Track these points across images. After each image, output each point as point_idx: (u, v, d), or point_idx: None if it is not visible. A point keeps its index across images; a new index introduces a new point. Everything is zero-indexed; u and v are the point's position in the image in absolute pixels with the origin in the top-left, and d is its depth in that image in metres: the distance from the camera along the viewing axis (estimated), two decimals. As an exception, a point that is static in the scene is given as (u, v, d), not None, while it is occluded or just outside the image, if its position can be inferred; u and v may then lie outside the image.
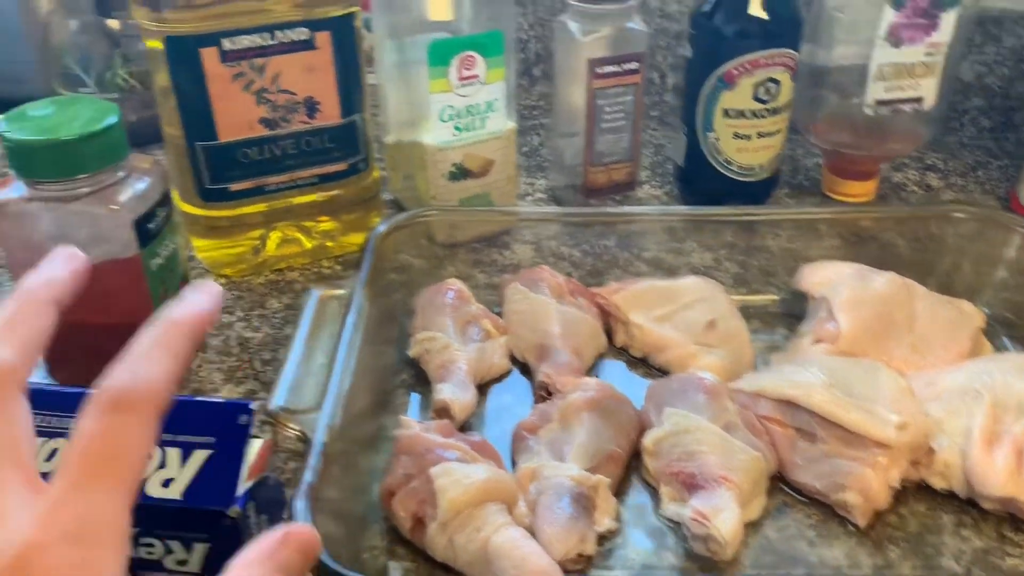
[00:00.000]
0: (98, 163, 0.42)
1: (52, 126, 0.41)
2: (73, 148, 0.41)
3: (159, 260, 0.45)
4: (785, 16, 0.57)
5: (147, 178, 0.44)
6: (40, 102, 0.43)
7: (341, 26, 0.52)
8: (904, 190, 0.68)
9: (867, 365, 0.45)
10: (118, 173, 0.43)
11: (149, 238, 0.44)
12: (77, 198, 0.42)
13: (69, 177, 0.42)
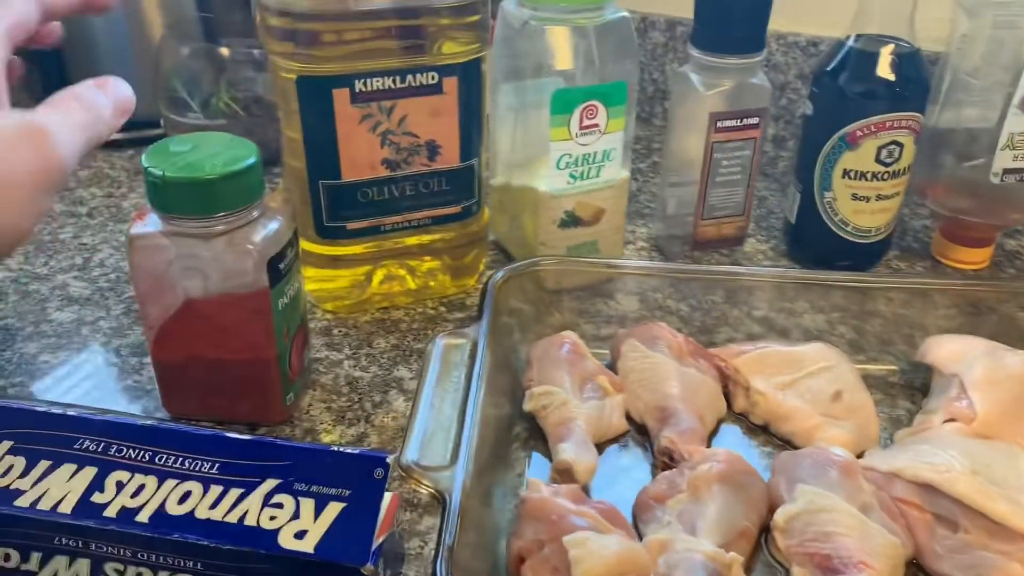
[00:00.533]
0: (236, 202, 0.42)
1: (194, 163, 0.41)
2: (213, 187, 0.41)
3: (285, 299, 0.45)
4: (913, 78, 0.56)
5: (279, 217, 0.44)
6: (182, 137, 0.43)
7: (469, 71, 0.52)
8: (1019, 258, 0.66)
9: (1005, 449, 0.43)
10: (253, 212, 0.43)
11: (279, 277, 0.44)
12: (212, 236, 0.42)
13: (206, 215, 0.42)
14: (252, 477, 0.37)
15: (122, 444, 0.38)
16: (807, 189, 0.60)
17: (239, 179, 0.41)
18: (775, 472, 0.43)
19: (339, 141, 0.50)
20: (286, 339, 0.46)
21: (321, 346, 0.54)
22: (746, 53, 0.55)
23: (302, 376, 0.49)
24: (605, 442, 0.47)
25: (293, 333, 0.46)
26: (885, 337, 0.55)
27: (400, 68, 0.50)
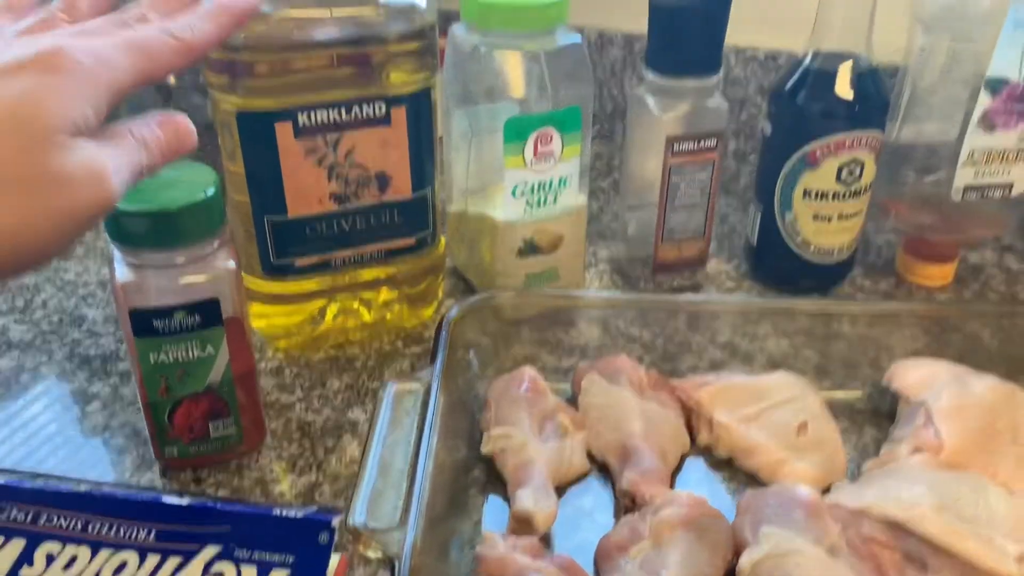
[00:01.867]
0: (198, 234, 0.40)
1: (151, 194, 0.39)
2: (174, 219, 0.39)
3: (161, 356, 0.42)
4: (871, 96, 0.55)
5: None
6: None
7: (418, 101, 0.50)
8: (983, 272, 0.65)
9: (973, 482, 0.42)
10: (215, 243, 0.41)
11: (150, 332, 0.42)
12: (173, 267, 0.40)
13: (168, 248, 0.40)
14: (191, 544, 0.35)
15: (53, 512, 0.36)
16: (767, 210, 0.59)
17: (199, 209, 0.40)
18: (740, 513, 0.41)
19: (283, 176, 0.48)
20: (163, 395, 0.43)
21: (272, 388, 0.52)
22: (702, 74, 0.54)
23: (203, 442, 0.45)
24: (566, 483, 0.45)
25: (181, 394, 0.44)
26: (851, 360, 0.54)
27: (345, 100, 0.48)
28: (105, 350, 0.56)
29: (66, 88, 0.29)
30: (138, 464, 0.47)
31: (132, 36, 0.32)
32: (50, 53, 0.29)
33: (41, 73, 0.29)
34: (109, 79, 0.30)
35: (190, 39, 0.33)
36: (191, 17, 0.34)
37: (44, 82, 0.29)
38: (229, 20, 0.34)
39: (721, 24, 0.54)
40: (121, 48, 0.31)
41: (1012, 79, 0.53)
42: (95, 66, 0.30)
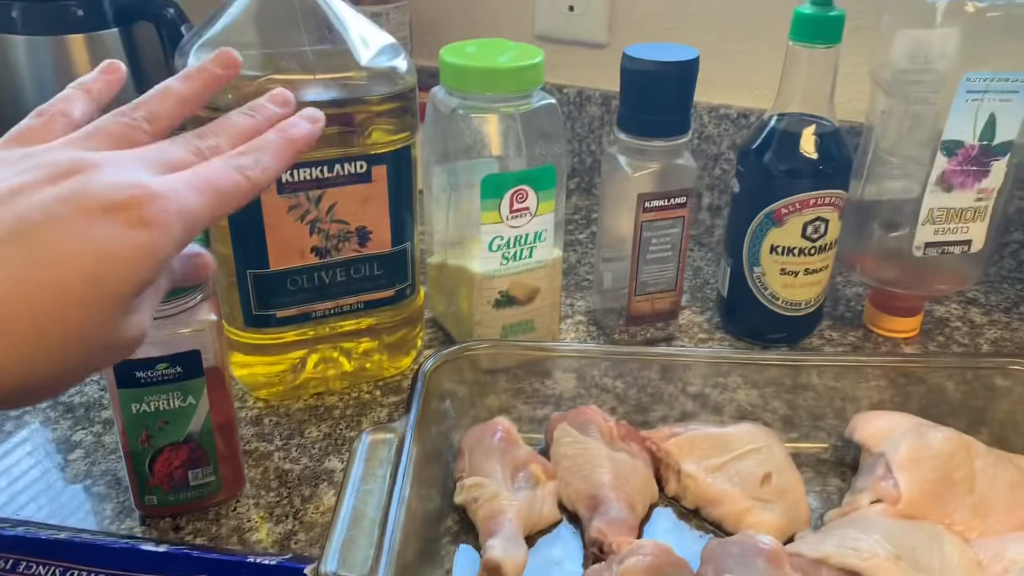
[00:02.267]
0: (181, 288, 0.42)
1: None
2: None
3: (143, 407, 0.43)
4: (834, 156, 0.57)
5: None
6: None
7: (398, 159, 0.52)
8: (948, 325, 0.67)
9: (929, 531, 0.44)
10: (198, 295, 0.43)
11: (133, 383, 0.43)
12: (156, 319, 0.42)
13: None
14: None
15: (32, 560, 0.37)
16: (737, 264, 0.61)
17: None
18: (703, 561, 0.42)
19: (266, 230, 0.50)
20: (144, 444, 0.44)
21: (251, 436, 0.53)
22: (671, 136, 0.57)
23: (183, 491, 0.46)
24: (537, 532, 0.47)
25: (162, 443, 0.45)
26: (817, 412, 0.55)
27: (328, 158, 0.50)
28: (89, 398, 0.57)
29: (149, 251, 0.28)
30: (118, 512, 0.47)
31: (210, 176, 0.31)
32: (141, 199, 0.28)
33: (128, 226, 0.27)
34: (187, 231, 0.29)
35: (258, 178, 0.32)
36: (260, 152, 0.33)
37: (129, 241, 0.27)
38: (293, 156, 0.34)
39: (689, 89, 0.56)
40: (201, 191, 0.30)
41: (967, 142, 0.56)
42: (177, 220, 0.29)
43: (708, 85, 0.80)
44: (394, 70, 0.51)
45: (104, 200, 0.27)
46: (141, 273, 0.28)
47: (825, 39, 0.55)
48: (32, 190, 0.28)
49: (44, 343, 0.26)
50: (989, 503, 0.46)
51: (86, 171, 0.28)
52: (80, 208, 0.27)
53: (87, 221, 0.27)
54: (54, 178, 0.28)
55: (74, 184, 0.28)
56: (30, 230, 0.27)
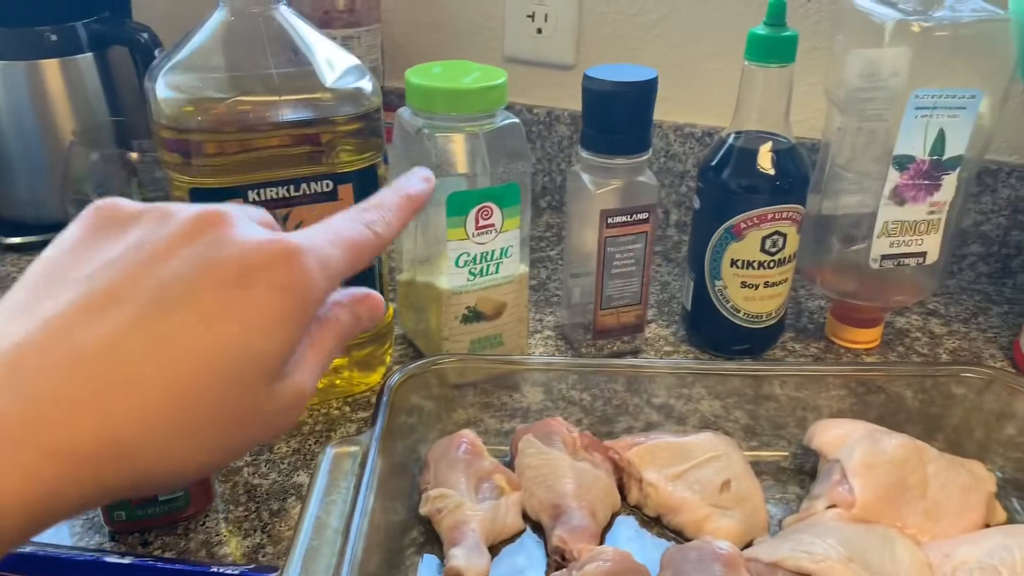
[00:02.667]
0: None
1: None
2: None
3: None
4: (791, 172, 0.59)
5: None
6: None
7: (363, 178, 0.53)
8: (908, 336, 0.69)
9: (882, 534, 0.45)
10: None
11: None
12: None
13: None
14: (130, 603, 0.36)
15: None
16: (699, 278, 0.62)
17: None
18: (662, 567, 0.43)
19: (234, 250, 0.51)
20: None
21: (222, 452, 0.54)
22: (632, 154, 0.58)
23: (151, 506, 0.47)
24: (502, 542, 0.47)
25: None
26: (779, 421, 0.56)
27: (294, 178, 0.51)
28: (60, 417, 0.57)
29: (290, 314, 0.27)
30: (88, 527, 0.48)
31: (341, 230, 0.30)
32: (279, 255, 0.26)
33: (268, 290, 0.26)
34: (328, 286, 0.29)
35: (384, 233, 0.32)
36: (383, 210, 0.32)
37: (269, 306, 0.26)
38: (411, 212, 0.34)
39: (648, 108, 0.58)
40: (336, 244, 0.29)
41: (918, 156, 0.57)
42: (318, 275, 0.28)
43: (673, 105, 0.82)
44: (359, 91, 0.52)
45: (241, 263, 0.26)
46: (284, 339, 0.27)
47: (779, 59, 0.57)
48: (167, 253, 0.26)
49: (186, 428, 0.25)
50: (941, 507, 0.47)
51: (219, 225, 0.27)
52: (217, 276, 0.26)
53: (225, 290, 0.26)
54: (189, 234, 0.26)
55: (208, 244, 0.26)
56: (168, 308, 0.25)
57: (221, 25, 0.50)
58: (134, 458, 0.24)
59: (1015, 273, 0.76)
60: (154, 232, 0.27)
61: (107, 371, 0.24)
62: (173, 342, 0.25)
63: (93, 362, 0.24)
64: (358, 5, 0.80)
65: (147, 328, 0.25)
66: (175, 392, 0.25)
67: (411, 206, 0.34)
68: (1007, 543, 0.43)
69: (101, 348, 0.24)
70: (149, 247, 0.26)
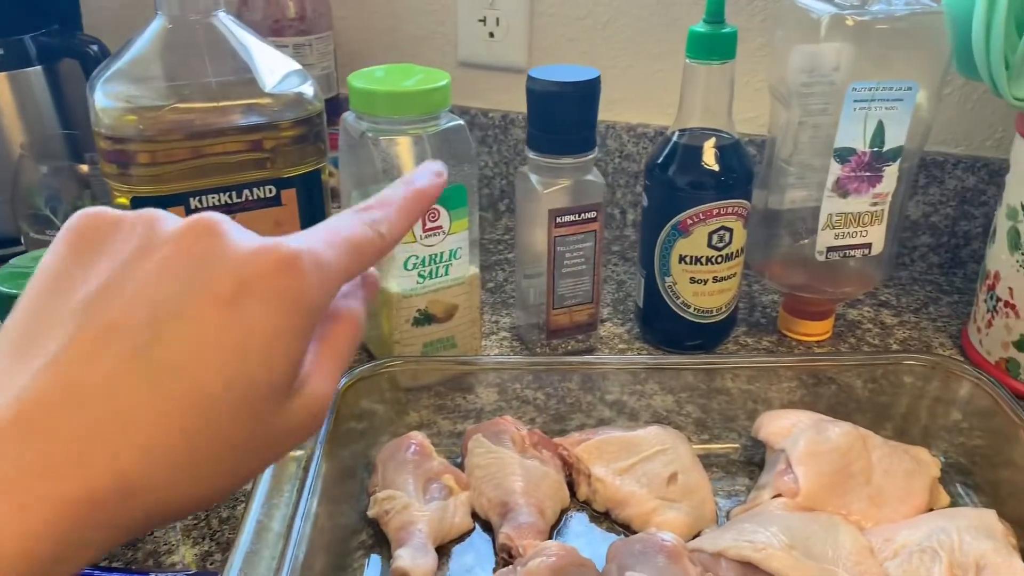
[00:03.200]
0: None
1: None
2: None
3: None
4: (735, 168, 0.59)
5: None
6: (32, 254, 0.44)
7: (307, 182, 0.53)
8: (860, 327, 0.70)
9: (826, 521, 0.45)
10: None
11: None
12: None
13: None
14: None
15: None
16: (650, 275, 0.63)
17: None
18: (608, 560, 0.44)
19: (178, 258, 0.51)
20: None
21: (172, 462, 0.54)
22: (577, 153, 0.58)
23: None
24: (452, 542, 0.47)
25: None
26: (730, 414, 0.57)
27: (236, 184, 0.51)
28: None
29: (291, 329, 0.25)
30: (33, 542, 0.47)
31: (340, 228, 0.28)
32: (276, 264, 0.25)
33: (265, 303, 0.24)
34: (329, 293, 0.27)
35: (388, 233, 0.29)
36: (388, 207, 0.30)
37: (269, 323, 0.24)
38: (421, 208, 0.31)
39: (591, 107, 0.58)
40: (336, 246, 0.27)
41: (858, 149, 0.58)
42: (316, 284, 0.26)
43: (626, 105, 0.83)
44: (301, 96, 0.52)
45: (235, 276, 0.24)
46: (286, 358, 0.25)
47: (720, 56, 0.57)
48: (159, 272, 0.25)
49: (195, 459, 0.24)
50: (885, 493, 0.48)
51: (211, 236, 0.25)
52: (211, 295, 0.24)
53: (220, 309, 0.24)
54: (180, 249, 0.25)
55: (201, 258, 0.25)
56: (164, 334, 0.24)
57: (159, 33, 0.50)
58: (145, 495, 0.23)
59: (965, 263, 0.78)
60: (142, 248, 0.25)
61: (110, 410, 0.23)
62: (173, 373, 0.24)
63: (95, 402, 0.23)
64: (309, 13, 0.80)
65: (145, 359, 0.23)
66: (179, 426, 0.23)
67: (420, 203, 0.31)
68: (946, 525, 0.44)
69: (102, 387, 0.23)
70: (139, 266, 0.25)
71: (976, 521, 0.44)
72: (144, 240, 0.25)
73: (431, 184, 0.32)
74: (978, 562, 0.42)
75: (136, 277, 0.25)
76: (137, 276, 0.25)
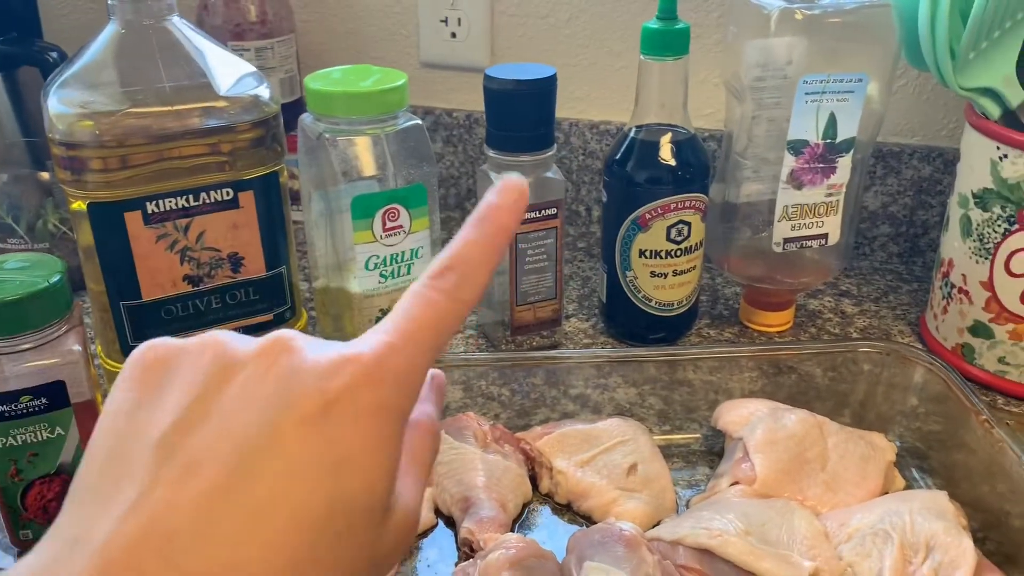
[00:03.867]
0: (41, 320, 0.43)
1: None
2: (17, 307, 0.42)
3: (9, 440, 0.44)
4: (692, 162, 0.60)
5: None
6: None
7: (265, 184, 0.53)
8: (820, 317, 0.71)
9: (782, 507, 0.46)
10: (63, 327, 0.44)
11: None
12: (17, 352, 0.43)
13: (11, 335, 0.42)
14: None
15: None
16: (612, 270, 0.63)
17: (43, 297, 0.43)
18: (568, 551, 0.44)
19: (136, 262, 0.51)
20: (14, 478, 0.45)
21: (135, 467, 0.54)
22: (536, 151, 0.59)
23: None
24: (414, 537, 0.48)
25: (32, 476, 0.45)
26: (691, 405, 0.58)
27: (193, 187, 0.51)
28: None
29: (382, 439, 0.23)
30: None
31: (423, 313, 0.25)
32: (367, 371, 0.23)
33: (355, 420, 0.23)
34: (417, 390, 0.25)
35: (469, 296, 0.26)
36: (462, 265, 0.26)
37: (358, 438, 0.23)
38: (504, 242, 0.27)
39: (548, 105, 0.59)
40: (419, 336, 0.25)
41: (811, 141, 0.59)
42: (406, 385, 0.24)
43: (589, 103, 0.83)
44: (257, 98, 0.52)
45: (321, 392, 0.23)
46: (385, 470, 0.24)
47: (673, 52, 0.58)
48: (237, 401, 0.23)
49: None
50: (840, 478, 0.49)
51: (286, 354, 0.24)
52: (298, 415, 0.22)
53: (310, 429, 0.22)
54: (256, 373, 0.23)
55: (280, 379, 0.23)
56: (253, 463, 0.22)
57: (113, 38, 0.50)
58: None
59: (923, 251, 0.79)
60: (215, 375, 0.24)
61: (203, 554, 0.21)
62: (268, 503, 0.22)
63: (187, 547, 0.21)
64: (270, 16, 0.80)
65: (236, 493, 0.22)
66: (281, 561, 0.22)
67: (502, 239, 0.27)
68: (899, 508, 0.45)
69: (191, 530, 0.21)
70: (215, 397, 0.23)
71: (928, 503, 0.45)
72: (215, 367, 0.24)
73: (511, 213, 0.27)
74: (928, 542, 0.43)
75: (214, 408, 0.23)
76: (214, 407, 0.23)
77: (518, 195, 0.27)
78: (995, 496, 0.47)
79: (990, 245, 0.58)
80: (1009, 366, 0.60)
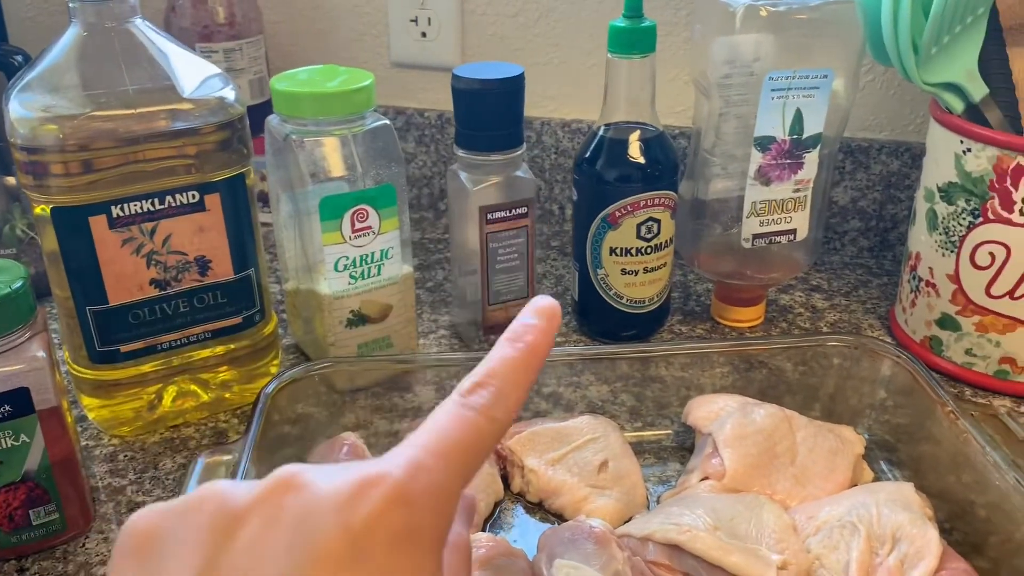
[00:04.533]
0: (4, 326, 0.43)
1: None
2: None
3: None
4: (660, 160, 0.60)
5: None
6: None
7: (231, 187, 0.53)
8: (791, 312, 0.71)
9: (750, 501, 0.46)
10: (26, 333, 0.44)
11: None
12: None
13: None
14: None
15: None
16: (583, 268, 0.63)
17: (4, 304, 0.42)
18: (539, 549, 0.44)
19: (101, 266, 0.50)
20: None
21: (104, 473, 0.53)
22: (505, 150, 0.59)
23: (25, 531, 0.46)
24: (385, 539, 0.48)
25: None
26: (663, 401, 0.58)
27: (158, 190, 0.51)
28: (-64, 450, 0.56)
29: (424, 564, 0.22)
30: (-40, 560, 0.47)
31: (454, 432, 0.24)
32: (392, 497, 0.21)
33: (393, 548, 0.21)
34: (451, 511, 0.23)
35: (503, 415, 0.25)
36: (495, 381, 0.25)
37: (402, 565, 0.21)
38: (538, 365, 0.26)
39: (517, 104, 0.59)
40: (450, 456, 0.23)
41: (778, 137, 0.59)
42: (439, 508, 0.22)
43: (560, 102, 0.83)
44: (222, 100, 0.52)
45: (345, 529, 0.21)
46: None
47: (640, 50, 0.58)
48: (251, 560, 0.21)
49: None
50: (809, 471, 0.49)
51: (292, 492, 0.21)
52: (326, 559, 0.20)
53: (341, 571, 0.20)
54: (265, 524, 0.21)
55: (295, 524, 0.21)
56: None
57: (75, 41, 0.50)
58: None
59: (893, 245, 0.80)
60: (220, 532, 0.21)
61: None
62: None
63: None
64: (239, 18, 0.80)
65: None
66: None
67: (535, 361, 0.26)
68: (866, 500, 0.45)
69: None
70: (225, 557, 0.21)
71: (895, 494, 0.46)
72: (219, 522, 0.21)
73: (545, 334, 0.26)
74: (895, 533, 0.43)
75: (226, 569, 0.21)
76: (227, 568, 0.21)
77: (551, 315, 0.27)
78: (961, 487, 0.48)
79: (955, 238, 0.59)
80: (976, 358, 0.61)
